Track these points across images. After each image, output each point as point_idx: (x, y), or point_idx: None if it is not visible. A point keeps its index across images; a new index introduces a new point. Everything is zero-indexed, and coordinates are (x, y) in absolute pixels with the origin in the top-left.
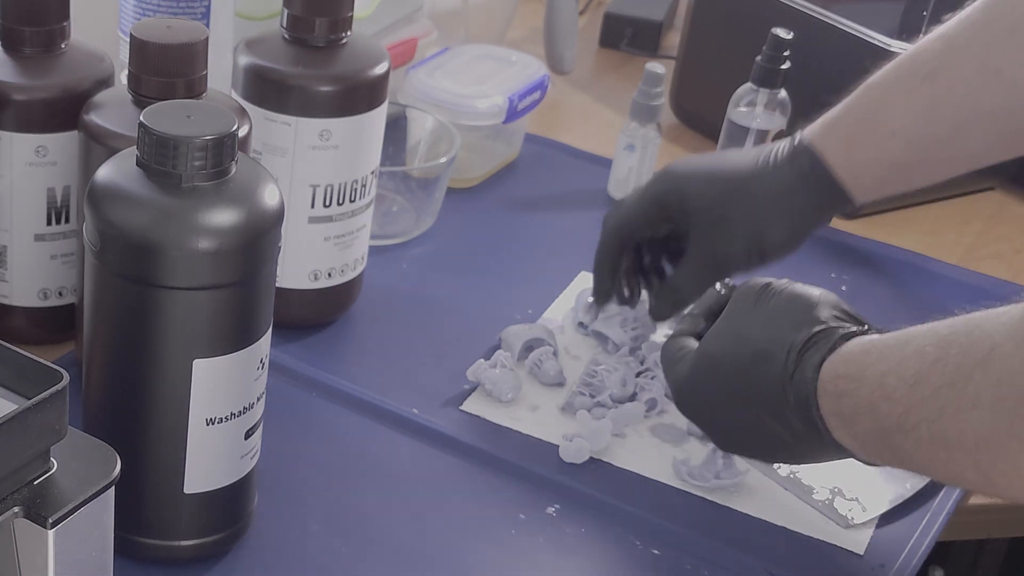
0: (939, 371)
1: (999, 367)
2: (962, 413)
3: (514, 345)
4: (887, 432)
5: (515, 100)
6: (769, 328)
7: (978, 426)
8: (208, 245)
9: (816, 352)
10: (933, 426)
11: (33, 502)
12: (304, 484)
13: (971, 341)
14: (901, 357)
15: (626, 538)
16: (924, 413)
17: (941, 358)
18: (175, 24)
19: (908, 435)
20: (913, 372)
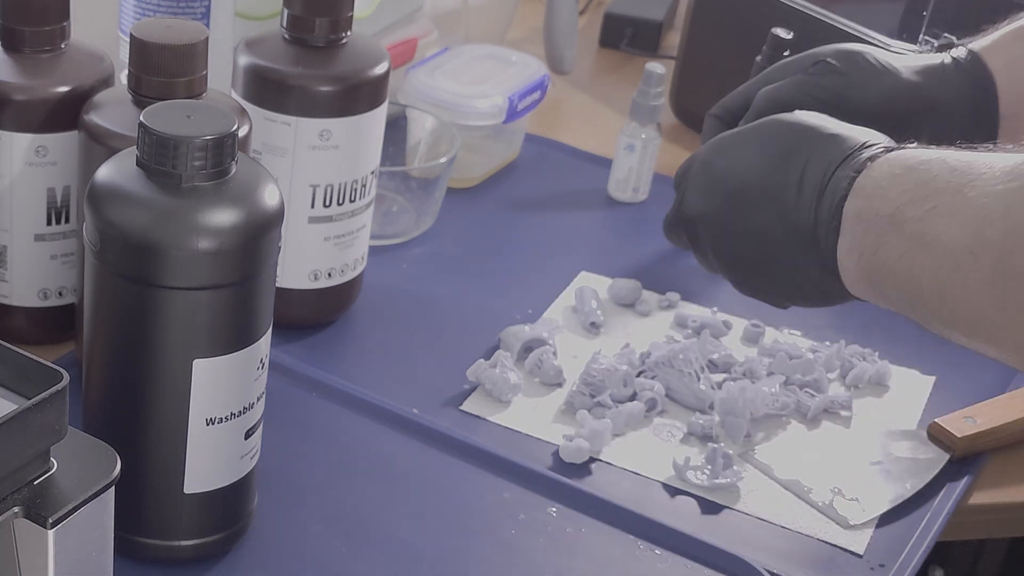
0: (944, 181)
1: (981, 189)
2: (941, 218)
3: (514, 345)
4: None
5: (515, 100)
6: (810, 134)
7: (951, 232)
8: (208, 245)
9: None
10: (917, 225)
11: (33, 502)
12: (304, 484)
13: (974, 164)
14: (934, 159)
15: (626, 538)
16: (915, 210)
17: (956, 168)
18: (175, 24)
19: (899, 228)
20: (930, 177)
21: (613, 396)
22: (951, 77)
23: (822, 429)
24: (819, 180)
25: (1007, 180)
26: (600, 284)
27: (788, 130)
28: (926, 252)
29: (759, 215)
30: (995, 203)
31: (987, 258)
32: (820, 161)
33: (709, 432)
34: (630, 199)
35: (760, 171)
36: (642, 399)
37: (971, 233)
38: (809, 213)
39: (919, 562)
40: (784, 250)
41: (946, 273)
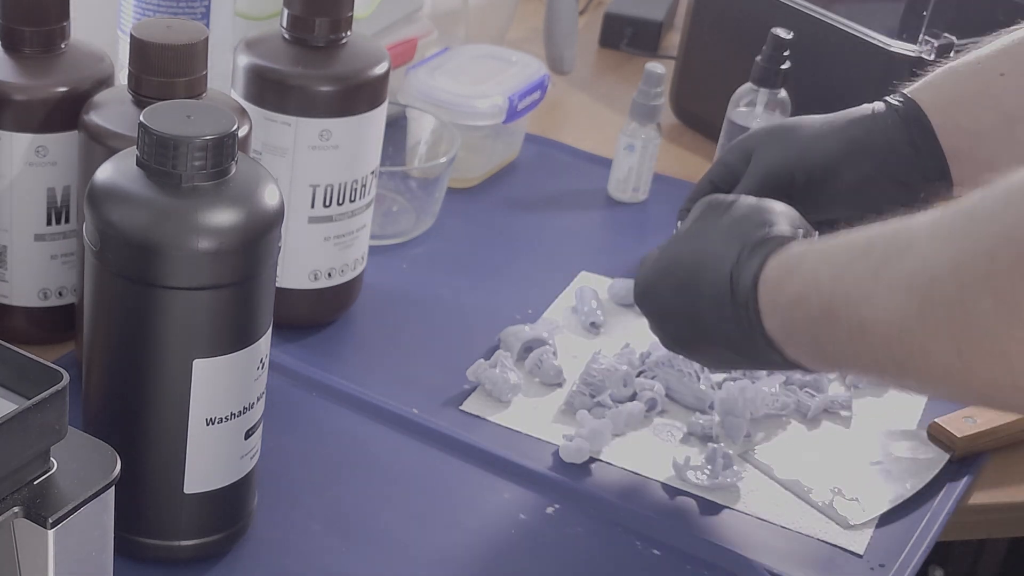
0: (861, 262)
1: (914, 257)
2: (878, 300)
3: (514, 345)
4: (813, 321)
5: (515, 100)
6: (728, 232)
7: (892, 313)
8: (208, 245)
9: (764, 247)
10: (852, 313)
11: (33, 502)
12: (304, 484)
13: (895, 234)
14: (833, 250)
15: (626, 538)
16: (846, 300)
17: (866, 251)
18: (175, 24)
19: (831, 323)
20: (840, 263)
21: (613, 396)
22: (883, 122)
23: (822, 429)
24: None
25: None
26: (600, 284)
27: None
28: (866, 336)
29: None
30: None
31: (943, 316)
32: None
33: (709, 432)
34: (630, 199)
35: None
36: (642, 399)
37: (919, 299)
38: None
39: (919, 562)
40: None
41: (896, 344)
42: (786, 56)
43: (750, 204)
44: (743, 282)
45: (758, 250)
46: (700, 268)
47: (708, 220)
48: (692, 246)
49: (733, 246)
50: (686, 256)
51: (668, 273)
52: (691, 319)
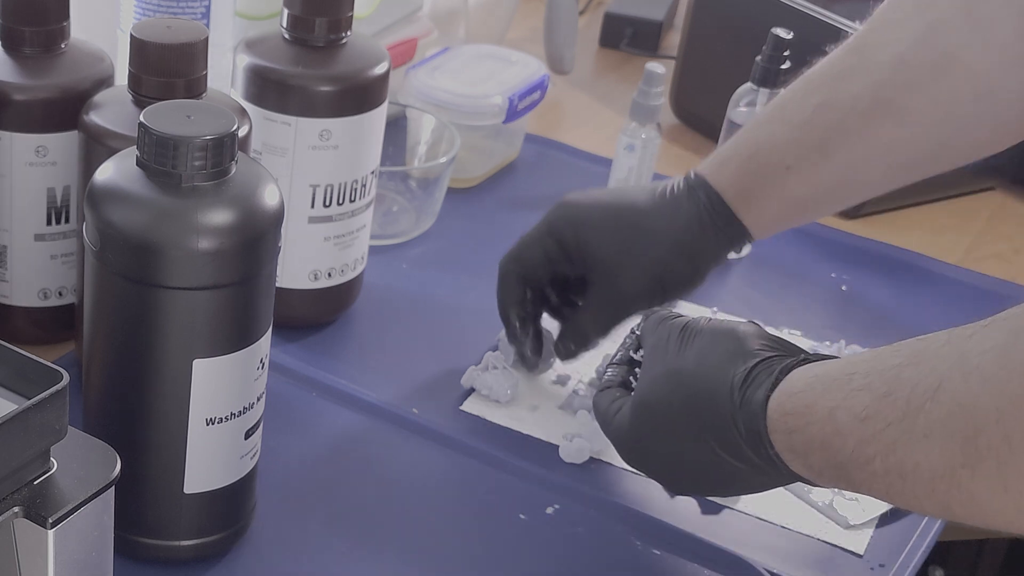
0: (889, 406)
1: (949, 400)
2: (915, 445)
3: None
4: (842, 465)
5: (515, 100)
6: (703, 366)
7: (931, 458)
8: (208, 245)
9: (759, 387)
10: (887, 460)
11: (33, 502)
12: (304, 484)
13: (919, 373)
14: (848, 391)
15: (626, 538)
16: (877, 447)
17: (890, 393)
18: (175, 24)
19: (863, 468)
20: (862, 407)
21: None
22: (698, 223)
23: None
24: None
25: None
26: None
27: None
28: (908, 482)
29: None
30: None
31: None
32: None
33: None
34: None
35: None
36: None
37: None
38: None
39: (919, 562)
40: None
41: (942, 490)
42: (786, 56)
43: (710, 331)
44: (752, 426)
45: (752, 390)
46: (694, 415)
47: (673, 357)
48: (673, 391)
49: (721, 384)
50: (669, 406)
51: (657, 426)
52: (698, 466)
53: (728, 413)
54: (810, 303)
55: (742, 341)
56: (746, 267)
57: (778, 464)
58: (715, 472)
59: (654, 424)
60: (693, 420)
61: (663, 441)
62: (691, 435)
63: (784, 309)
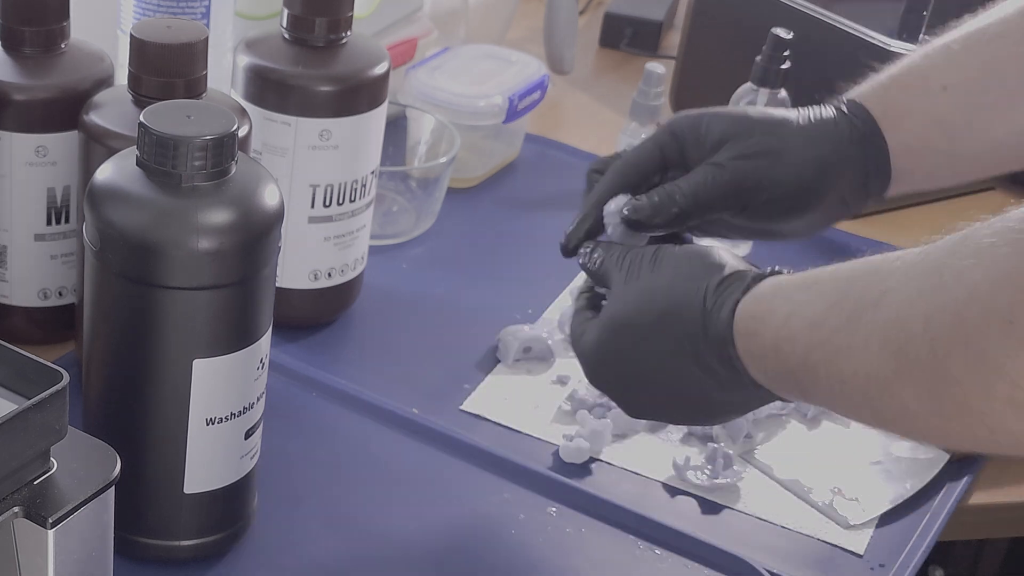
0: (836, 313)
1: (888, 309)
2: (855, 353)
3: (512, 345)
4: (791, 370)
5: (515, 100)
6: (677, 279)
7: (867, 367)
8: (208, 245)
9: (730, 293)
10: (830, 367)
11: (33, 502)
12: (304, 484)
13: (867, 284)
14: (804, 299)
15: (626, 538)
16: (822, 354)
17: (839, 301)
18: (175, 24)
19: (808, 373)
20: (812, 313)
21: None
22: (845, 139)
23: (822, 429)
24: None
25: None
26: None
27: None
28: (848, 388)
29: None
30: (906, 315)
31: (919, 373)
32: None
33: (709, 432)
34: None
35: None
36: None
37: (894, 355)
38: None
39: (919, 562)
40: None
41: (875, 398)
42: (786, 56)
43: (684, 251)
44: (719, 330)
45: (725, 296)
46: (664, 324)
47: (646, 274)
48: (645, 304)
49: (694, 293)
50: (640, 318)
51: (625, 340)
52: (665, 382)
53: (699, 319)
54: None
55: (716, 256)
56: None
57: (740, 372)
58: (679, 389)
59: (623, 339)
60: (663, 332)
61: (630, 355)
62: (659, 348)
63: None
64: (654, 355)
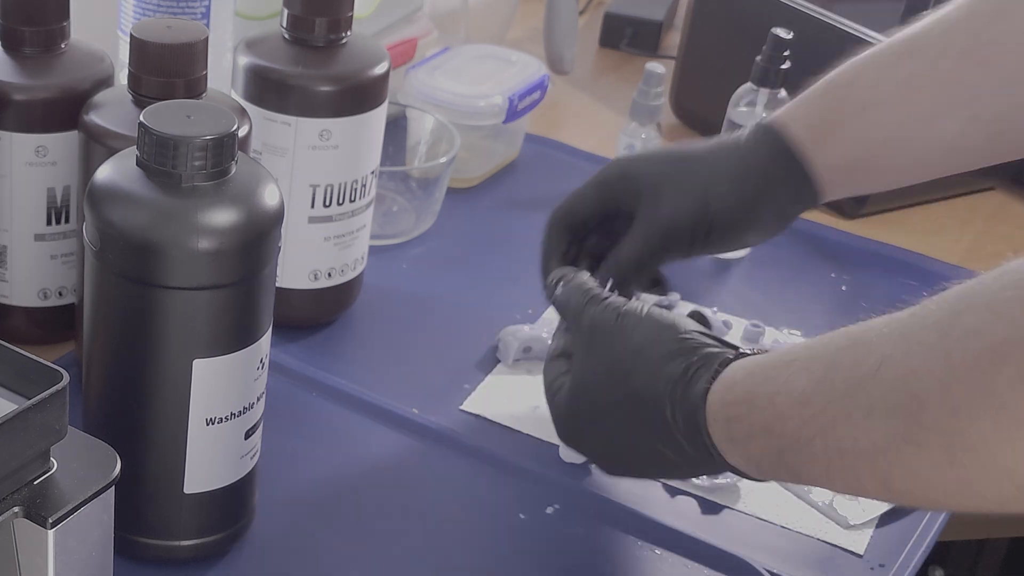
0: (827, 387)
1: (891, 376)
2: (856, 422)
3: (512, 345)
4: (782, 450)
5: (515, 100)
6: (640, 359)
7: (873, 434)
8: (208, 245)
9: (698, 381)
10: (827, 438)
11: (33, 502)
12: (304, 484)
13: (856, 356)
14: (787, 376)
15: (626, 538)
16: (816, 427)
17: (827, 376)
18: (175, 24)
19: (803, 450)
20: (800, 390)
21: None
22: (768, 164)
23: None
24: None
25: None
26: None
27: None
28: (847, 460)
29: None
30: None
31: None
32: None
33: None
34: None
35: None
36: None
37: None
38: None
39: (919, 562)
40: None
41: (883, 468)
42: (786, 56)
43: (647, 321)
44: (691, 420)
45: (691, 384)
46: (632, 407)
47: (611, 345)
48: (611, 383)
49: (660, 381)
50: (608, 396)
51: (594, 413)
52: (641, 455)
53: (667, 410)
54: (810, 303)
55: (680, 334)
56: (746, 267)
57: (713, 455)
58: (649, 461)
59: (591, 414)
60: (630, 417)
61: (599, 430)
62: (628, 429)
63: (784, 309)
64: (621, 433)
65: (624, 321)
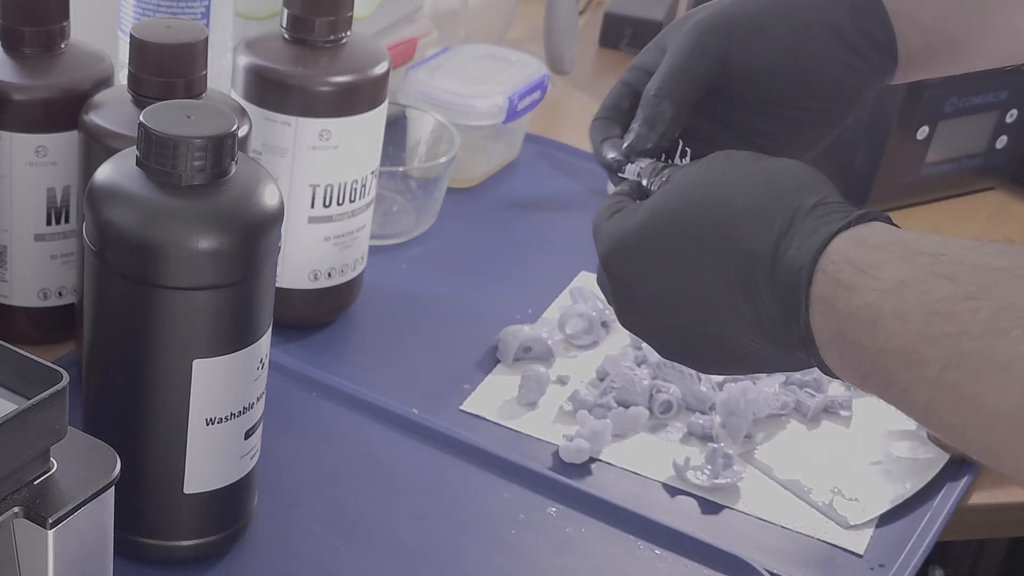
0: (972, 311)
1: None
2: (987, 371)
3: (512, 345)
4: (884, 352)
5: (515, 100)
6: (763, 185)
7: (1002, 393)
8: (208, 245)
9: (827, 223)
10: (947, 373)
11: (33, 502)
12: (304, 484)
13: (1020, 290)
14: (930, 271)
15: (626, 538)
16: (940, 352)
17: (977, 295)
18: (175, 24)
19: (911, 367)
20: (938, 299)
21: (617, 399)
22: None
23: (822, 429)
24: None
25: None
26: None
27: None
28: (961, 406)
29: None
30: None
31: None
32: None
33: (709, 432)
34: None
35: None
36: (657, 400)
37: None
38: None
39: (919, 562)
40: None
41: (995, 436)
42: None
43: (784, 161)
44: (796, 261)
45: (820, 223)
46: (726, 230)
47: (729, 168)
48: (712, 198)
49: (781, 206)
50: (700, 212)
51: (671, 234)
52: (704, 306)
53: (774, 242)
54: None
55: (821, 178)
56: None
57: (800, 320)
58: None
59: (666, 232)
60: (718, 239)
61: (667, 258)
62: (706, 259)
63: None
64: (697, 263)
65: (754, 155)
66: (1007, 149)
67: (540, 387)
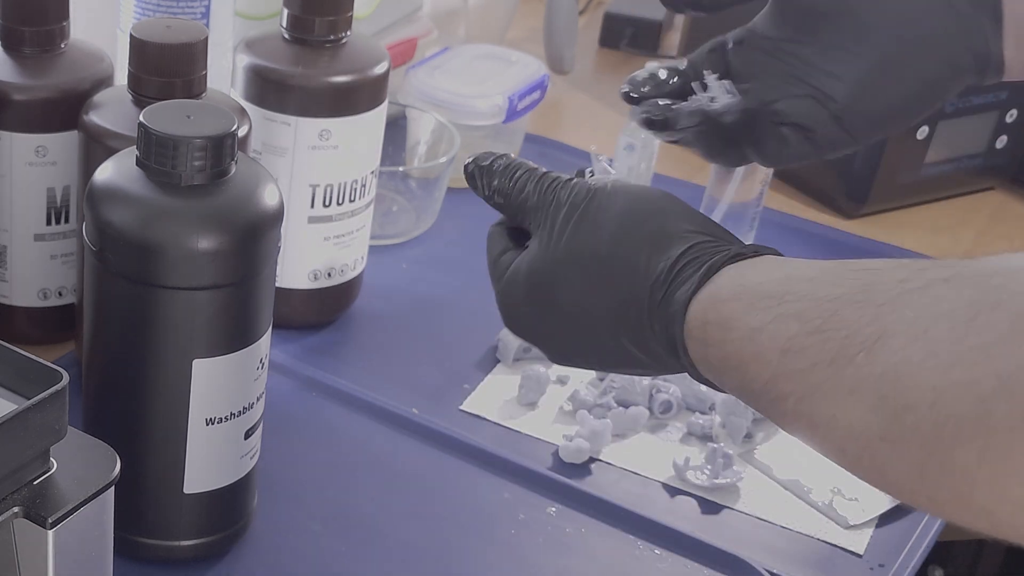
0: (818, 344)
1: (886, 360)
2: (836, 397)
3: (512, 345)
4: (754, 392)
5: (515, 100)
6: (621, 248)
7: (849, 418)
8: (208, 245)
9: (683, 284)
10: (801, 404)
11: (33, 502)
12: (304, 484)
13: (861, 318)
14: (777, 314)
15: (626, 538)
16: (794, 386)
17: (823, 328)
18: (175, 24)
19: (773, 404)
20: (787, 338)
21: (617, 399)
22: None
23: None
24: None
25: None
26: None
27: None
28: (818, 431)
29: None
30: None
31: (912, 448)
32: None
33: (709, 432)
34: None
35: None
36: (657, 400)
37: (887, 418)
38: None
39: (919, 562)
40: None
41: (850, 454)
42: None
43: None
44: (669, 329)
45: (674, 289)
46: (602, 304)
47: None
48: (580, 271)
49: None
50: (573, 286)
51: (554, 306)
52: (603, 351)
53: (646, 310)
54: None
55: (667, 220)
56: None
57: (689, 370)
58: (612, 356)
59: (553, 305)
60: (602, 312)
61: (557, 322)
62: (596, 325)
63: None
64: (587, 329)
65: (597, 195)
66: (1007, 149)
67: (540, 387)
